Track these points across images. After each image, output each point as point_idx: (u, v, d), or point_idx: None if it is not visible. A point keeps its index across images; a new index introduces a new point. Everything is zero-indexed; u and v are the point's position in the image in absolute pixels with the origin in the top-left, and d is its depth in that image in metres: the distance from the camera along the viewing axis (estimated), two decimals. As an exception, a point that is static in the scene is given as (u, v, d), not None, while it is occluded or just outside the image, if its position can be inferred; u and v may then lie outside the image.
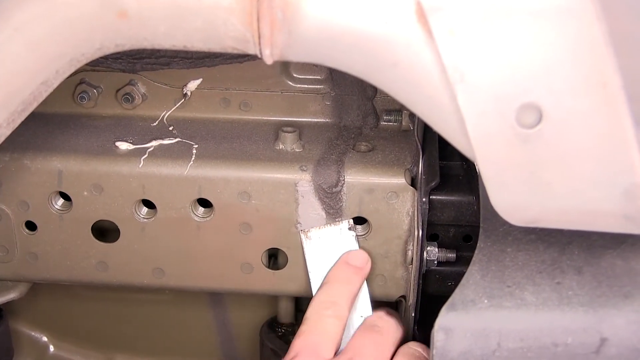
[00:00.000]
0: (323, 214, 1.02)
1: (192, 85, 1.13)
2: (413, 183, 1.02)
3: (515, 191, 0.74)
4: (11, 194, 1.04)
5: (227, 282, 1.08)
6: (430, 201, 1.04)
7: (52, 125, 1.11)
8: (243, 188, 1.01)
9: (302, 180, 1.01)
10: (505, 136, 0.71)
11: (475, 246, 0.86)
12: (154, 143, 1.06)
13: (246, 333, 1.42)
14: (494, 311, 0.78)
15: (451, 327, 0.77)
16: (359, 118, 1.13)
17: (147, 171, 1.02)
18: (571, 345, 0.76)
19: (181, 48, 0.76)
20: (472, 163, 0.75)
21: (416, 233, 1.00)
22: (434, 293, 1.12)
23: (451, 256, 1.06)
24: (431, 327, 0.79)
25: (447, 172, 1.11)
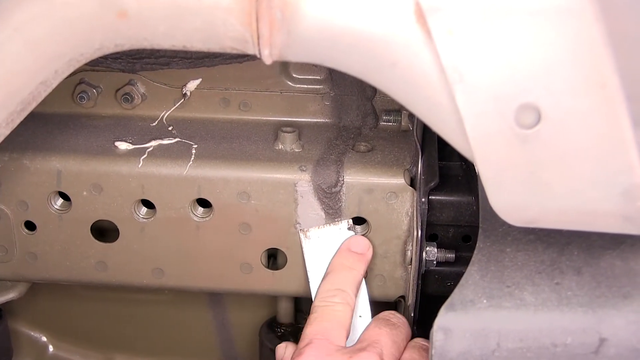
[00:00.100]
0: (322, 214, 1.02)
1: (192, 85, 1.13)
2: (412, 183, 1.02)
3: (514, 191, 0.74)
4: (10, 194, 1.04)
5: (227, 282, 1.08)
6: (429, 201, 1.04)
7: (52, 125, 1.11)
8: (242, 188, 1.01)
9: (302, 180, 1.01)
10: (504, 136, 0.71)
11: (474, 246, 0.86)
12: (154, 143, 1.06)
13: (245, 333, 1.42)
14: (493, 311, 0.78)
15: (450, 327, 0.77)
16: (359, 118, 1.13)
17: (147, 171, 1.02)
18: (570, 345, 0.76)
19: (180, 48, 0.76)
20: (472, 163, 0.75)
21: (415, 233, 1.00)
22: (433, 293, 1.12)
23: (450, 256, 1.07)
24: (430, 327, 0.78)
25: (447, 173, 1.11)
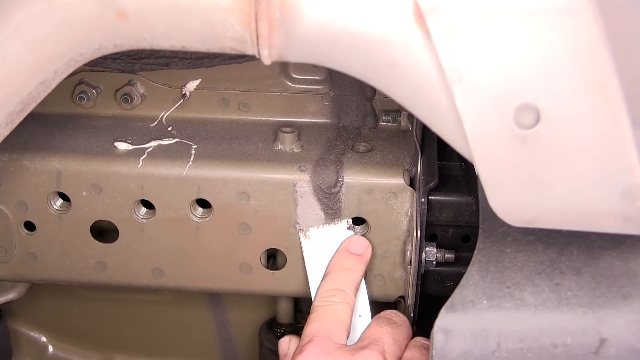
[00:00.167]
0: (322, 215, 1.02)
1: (191, 85, 1.13)
2: (412, 183, 1.02)
3: (513, 192, 0.74)
4: (10, 194, 1.04)
5: (226, 283, 1.08)
6: (429, 201, 1.04)
7: (51, 125, 1.11)
8: (242, 188, 1.01)
9: (301, 180, 1.01)
10: (503, 137, 0.71)
11: (473, 247, 0.86)
12: (153, 143, 1.06)
13: (245, 333, 1.42)
14: (494, 312, 0.78)
15: (451, 328, 0.77)
16: (358, 118, 1.13)
17: (146, 171, 1.02)
18: (570, 346, 0.76)
19: (179, 48, 0.76)
20: (471, 163, 0.75)
21: (415, 233, 1.00)
22: (433, 293, 1.12)
23: (450, 257, 1.06)
24: (430, 328, 0.78)
25: (446, 173, 1.11)
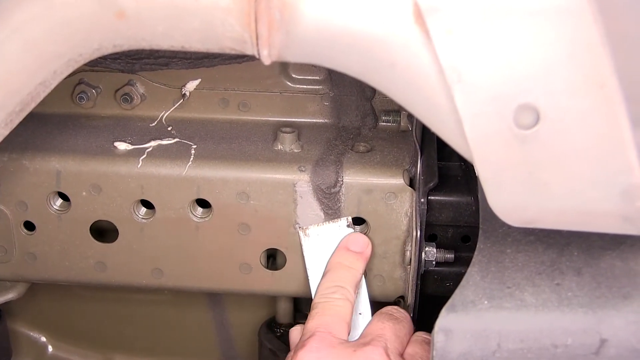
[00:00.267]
0: (321, 215, 1.02)
1: (191, 85, 1.13)
2: (411, 184, 1.02)
3: (512, 192, 0.74)
4: (10, 194, 1.04)
5: (226, 283, 1.08)
6: (428, 202, 1.04)
7: (51, 125, 1.11)
8: (242, 188, 1.01)
9: (301, 180, 1.01)
10: (502, 137, 0.71)
11: (473, 247, 0.86)
12: (153, 143, 1.06)
13: (245, 333, 1.42)
14: (494, 312, 0.78)
15: (451, 328, 0.77)
16: (358, 119, 1.13)
17: (146, 171, 1.02)
18: (571, 346, 0.76)
19: (179, 48, 0.76)
20: (471, 164, 0.75)
21: (414, 233, 1.00)
22: (432, 293, 1.12)
23: (449, 257, 1.06)
24: (430, 328, 0.78)
25: (446, 173, 1.12)
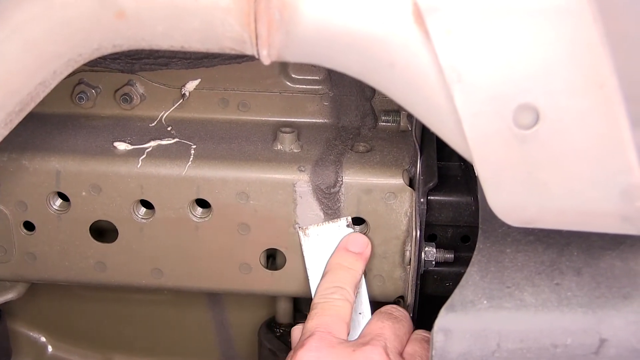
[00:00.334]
0: (321, 215, 1.02)
1: (191, 85, 1.13)
2: (411, 184, 1.02)
3: (512, 191, 0.74)
4: (9, 194, 1.04)
5: (226, 283, 1.08)
6: (428, 202, 1.04)
7: (51, 125, 1.11)
8: (241, 188, 1.01)
9: (300, 180, 1.01)
10: (502, 137, 0.71)
11: (473, 247, 0.86)
12: (152, 143, 1.06)
13: (245, 333, 1.42)
14: (494, 312, 0.78)
15: (450, 328, 0.77)
16: (357, 119, 1.13)
17: (146, 171, 1.02)
18: (571, 346, 0.76)
19: (179, 48, 0.76)
20: (470, 164, 0.75)
21: (414, 233, 1.00)
22: (432, 293, 1.12)
23: (449, 257, 1.06)
24: (430, 328, 0.78)
25: (445, 173, 1.11)
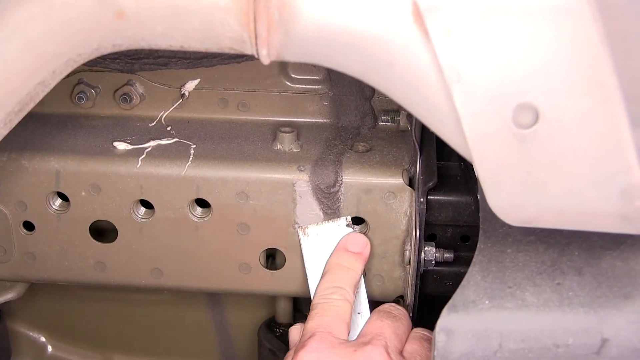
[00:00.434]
0: (321, 214, 1.02)
1: (190, 85, 1.13)
2: (411, 183, 1.02)
3: (511, 191, 0.74)
4: (9, 194, 1.04)
5: (225, 283, 1.08)
6: (427, 201, 1.04)
7: (50, 125, 1.11)
8: (241, 188, 1.01)
9: (300, 180, 1.01)
10: (501, 136, 0.71)
11: (472, 246, 0.86)
12: (152, 143, 1.06)
13: (244, 333, 1.42)
14: (495, 312, 0.78)
15: (452, 328, 0.77)
16: (357, 118, 1.13)
17: (145, 171, 1.02)
18: (572, 346, 0.76)
19: (178, 48, 0.76)
20: (470, 163, 0.75)
21: (414, 233, 1.00)
22: (432, 293, 1.12)
23: (449, 256, 1.06)
24: (430, 327, 0.78)
25: (445, 173, 1.11)
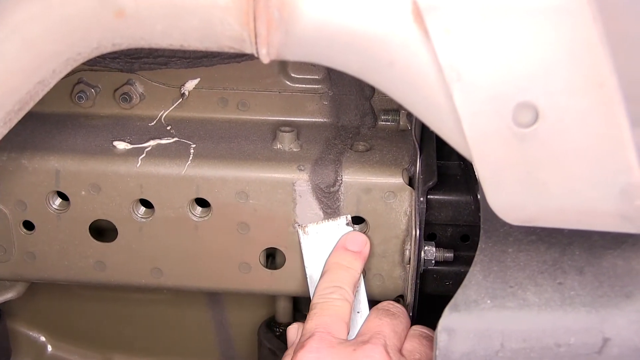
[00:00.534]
0: (321, 214, 1.02)
1: (190, 84, 1.13)
2: (411, 183, 1.02)
3: (511, 190, 0.74)
4: (9, 194, 1.04)
5: (225, 282, 1.08)
6: (427, 201, 1.04)
7: (50, 124, 1.11)
8: (241, 188, 1.01)
9: (300, 179, 1.01)
10: (501, 135, 0.71)
11: (472, 246, 0.86)
12: (152, 143, 1.06)
13: (244, 333, 1.42)
14: (497, 312, 0.77)
15: (454, 328, 0.77)
16: (357, 118, 1.13)
17: (145, 171, 1.02)
18: (574, 345, 0.76)
19: (178, 47, 0.76)
20: (470, 163, 0.75)
21: (414, 233, 1.00)
22: (432, 293, 1.12)
23: (449, 256, 1.06)
24: (430, 327, 0.78)
25: (445, 172, 1.11)
